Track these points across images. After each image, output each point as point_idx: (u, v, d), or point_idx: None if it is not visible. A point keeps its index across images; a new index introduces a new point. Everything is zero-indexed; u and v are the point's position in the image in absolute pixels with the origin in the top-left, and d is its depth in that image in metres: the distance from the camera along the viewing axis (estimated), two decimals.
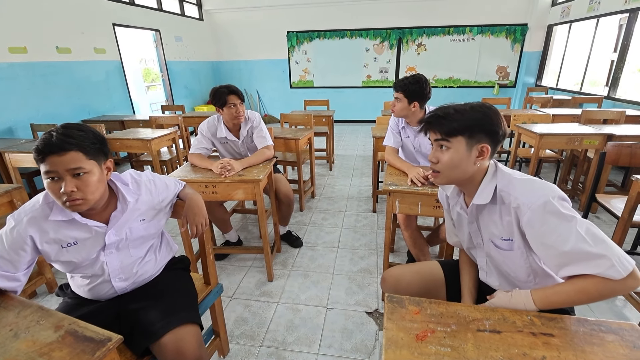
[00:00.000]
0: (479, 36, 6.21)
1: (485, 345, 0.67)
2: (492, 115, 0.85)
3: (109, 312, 1.04)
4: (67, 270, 1.03)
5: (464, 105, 0.87)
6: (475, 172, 0.88)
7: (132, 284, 1.09)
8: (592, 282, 0.71)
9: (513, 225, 0.84)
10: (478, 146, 0.84)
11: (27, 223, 0.91)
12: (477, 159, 0.85)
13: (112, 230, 1.00)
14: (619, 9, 4.10)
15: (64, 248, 0.96)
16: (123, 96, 4.70)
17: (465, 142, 0.84)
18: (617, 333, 0.70)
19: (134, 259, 1.07)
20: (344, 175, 3.85)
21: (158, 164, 2.98)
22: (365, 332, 1.59)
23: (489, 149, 0.85)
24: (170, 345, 0.95)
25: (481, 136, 0.84)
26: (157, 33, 5.50)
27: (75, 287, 1.09)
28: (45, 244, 0.94)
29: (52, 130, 0.86)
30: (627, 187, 2.96)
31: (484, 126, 0.84)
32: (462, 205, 0.99)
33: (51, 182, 0.85)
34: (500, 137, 0.86)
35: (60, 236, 0.94)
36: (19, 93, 3.34)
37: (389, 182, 1.57)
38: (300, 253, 2.28)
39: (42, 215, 0.92)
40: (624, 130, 2.56)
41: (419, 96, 1.74)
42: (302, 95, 6.90)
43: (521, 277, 0.91)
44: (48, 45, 3.63)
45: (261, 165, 1.93)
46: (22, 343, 0.73)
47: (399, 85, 1.76)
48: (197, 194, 1.22)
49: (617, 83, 4.19)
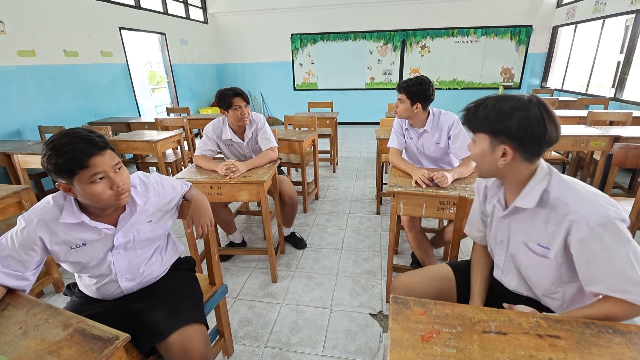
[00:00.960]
0: (484, 38, 6.20)
1: (491, 347, 0.67)
2: (522, 119, 0.76)
3: (116, 311, 1.05)
4: (75, 270, 1.04)
5: (501, 99, 0.81)
6: (511, 172, 0.83)
7: (138, 284, 1.10)
8: (620, 307, 0.73)
9: (559, 235, 0.79)
10: (501, 147, 0.80)
11: (37, 224, 0.92)
12: (501, 159, 0.81)
13: (121, 232, 1.01)
14: (625, 9, 4.07)
15: (73, 249, 0.97)
16: (129, 99, 4.75)
17: (488, 140, 0.82)
18: (625, 335, 0.69)
19: (140, 259, 1.08)
20: (348, 177, 3.85)
21: (163, 166, 3.01)
22: (369, 334, 1.59)
23: (511, 152, 0.79)
24: (177, 344, 0.96)
25: (503, 138, 0.79)
26: (163, 36, 5.56)
27: (83, 287, 1.10)
28: (55, 245, 0.95)
29: (70, 143, 0.84)
30: (634, 190, 2.92)
31: (508, 129, 0.78)
32: (500, 200, 0.94)
33: (96, 184, 0.88)
34: (530, 143, 0.78)
35: (70, 238, 0.96)
36: (27, 96, 3.39)
37: (393, 184, 1.57)
38: (304, 254, 2.28)
39: (52, 217, 0.94)
40: (631, 132, 2.53)
41: (422, 98, 1.74)
42: (306, 97, 6.92)
43: (544, 285, 0.89)
44: (56, 49, 3.69)
45: (265, 167, 1.93)
46: (31, 341, 0.74)
47: (402, 87, 1.76)
48: (203, 195, 1.23)
49: (624, 84, 4.15)
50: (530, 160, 0.81)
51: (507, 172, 0.84)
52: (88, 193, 0.88)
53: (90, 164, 0.85)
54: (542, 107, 0.77)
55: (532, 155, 0.80)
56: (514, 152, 0.79)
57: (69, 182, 0.87)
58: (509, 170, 0.83)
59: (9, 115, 3.23)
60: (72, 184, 0.87)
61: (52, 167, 0.84)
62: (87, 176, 0.86)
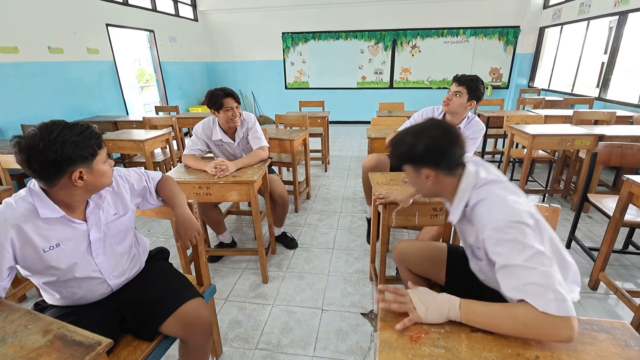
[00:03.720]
0: (473, 38, 6.27)
1: (479, 346, 0.67)
2: (426, 144, 0.85)
3: (107, 307, 1.06)
4: (51, 280, 0.96)
5: (408, 133, 0.90)
6: (442, 187, 0.91)
7: (125, 279, 1.12)
8: (524, 310, 0.67)
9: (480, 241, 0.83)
10: (422, 171, 0.88)
11: (6, 226, 0.85)
12: (427, 180, 0.89)
13: (94, 227, 0.99)
14: (609, 11, 4.16)
15: (46, 252, 0.91)
16: (116, 97, 4.65)
17: (412, 168, 0.91)
18: (609, 332, 0.70)
19: (121, 254, 1.09)
20: (339, 176, 3.85)
21: (152, 165, 2.95)
22: (360, 333, 1.59)
23: (432, 172, 0.87)
24: (186, 315, 1.03)
25: (420, 163, 0.88)
26: (151, 33, 5.46)
27: (56, 300, 1.03)
28: (26, 250, 0.88)
29: (81, 127, 0.88)
30: (618, 187, 3.00)
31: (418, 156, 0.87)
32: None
33: (106, 163, 0.95)
34: (441, 160, 0.86)
35: (42, 238, 0.90)
36: (9, 93, 3.28)
37: (380, 193, 1.48)
38: (295, 254, 2.27)
39: (21, 216, 0.87)
40: (615, 130, 2.59)
41: (478, 97, 1.78)
42: (297, 96, 6.89)
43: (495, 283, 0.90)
44: (40, 45, 3.58)
45: (256, 167, 1.91)
46: (9, 348, 0.71)
47: (464, 80, 1.74)
48: (185, 208, 1.19)
49: (608, 84, 4.26)
50: (453, 173, 0.89)
51: (439, 189, 0.92)
52: (101, 174, 0.92)
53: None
54: (438, 127, 0.88)
55: (449, 168, 0.88)
56: (435, 172, 0.88)
57: (87, 166, 0.88)
58: (439, 187, 0.91)
59: None
60: (91, 167, 0.89)
61: (84, 152, 0.86)
62: (104, 155, 0.92)
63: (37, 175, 0.85)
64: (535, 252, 0.70)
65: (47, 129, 0.83)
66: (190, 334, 1.06)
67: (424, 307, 0.74)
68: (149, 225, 2.76)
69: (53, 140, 0.81)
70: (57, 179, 0.86)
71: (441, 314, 0.73)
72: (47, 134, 0.82)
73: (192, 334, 1.06)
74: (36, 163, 0.82)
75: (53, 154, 0.81)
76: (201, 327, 1.07)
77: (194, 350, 1.10)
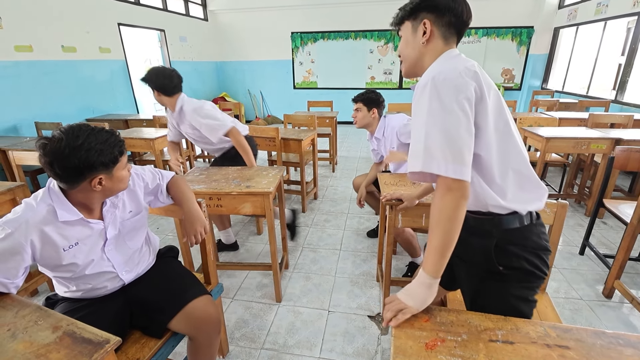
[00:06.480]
0: (485, 38, 6.18)
1: (497, 357, 0.65)
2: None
3: (118, 302, 1.07)
4: (67, 276, 0.99)
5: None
6: (429, 55, 0.87)
7: (135, 275, 1.13)
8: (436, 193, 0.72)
9: None
10: (421, 25, 0.84)
11: (28, 228, 0.87)
12: (423, 37, 0.85)
13: (110, 225, 1.01)
14: (627, 11, 4.05)
15: (66, 251, 0.93)
16: (127, 95, 4.70)
17: (410, 25, 0.87)
18: (636, 347, 0.67)
19: (133, 250, 1.10)
20: (347, 176, 3.83)
21: (161, 164, 2.98)
22: (367, 336, 1.57)
23: (430, 25, 0.83)
24: (194, 312, 1.04)
25: (423, 13, 0.84)
26: (162, 33, 5.51)
27: (70, 293, 1.05)
28: (46, 250, 0.90)
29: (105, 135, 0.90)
30: (635, 192, 2.91)
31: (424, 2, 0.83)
32: None
33: (125, 168, 0.98)
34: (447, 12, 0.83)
35: (62, 238, 0.92)
36: (24, 91, 3.34)
37: (387, 193, 1.47)
38: (302, 254, 2.26)
39: (43, 219, 0.89)
40: (632, 134, 2.52)
41: (376, 103, 1.99)
42: (306, 96, 6.88)
43: None
44: (53, 44, 3.64)
45: (271, 175, 1.74)
46: (20, 344, 0.71)
47: (357, 98, 2.03)
48: (193, 203, 1.18)
49: (625, 87, 4.14)
50: (447, 39, 0.85)
51: (426, 56, 0.87)
52: (119, 179, 0.94)
53: (125, 150, 0.94)
54: None
55: (448, 29, 0.84)
56: (432, 27, 0.83)
57: (107, 172, 0.89)
58: (428, 54, 0.87)
59: (5, 110, 3.18)
60: (111, 173, 0.90)
61: (106, 159, 0.87)
62: (124, 161, 0.95)
63: (58, 178, 0.87)
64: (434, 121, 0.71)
65: (73, 134, 0.83)
66: (198, 331, 1.06)
67: (410, 298, 0.75)
68: (158, 222, 2.77)
69: (78, 147, 0.82)
70: (77, 183, 0.88)
71: (424, 291, 0.74)
72: (73, 140, 0.83)
73: (200, 331, 1.06)
74: (59, 168, 0.83)
75: (77, 160, 0.82)
76: (210, 324, 1.07)
77: (203, 347, 1.10)
